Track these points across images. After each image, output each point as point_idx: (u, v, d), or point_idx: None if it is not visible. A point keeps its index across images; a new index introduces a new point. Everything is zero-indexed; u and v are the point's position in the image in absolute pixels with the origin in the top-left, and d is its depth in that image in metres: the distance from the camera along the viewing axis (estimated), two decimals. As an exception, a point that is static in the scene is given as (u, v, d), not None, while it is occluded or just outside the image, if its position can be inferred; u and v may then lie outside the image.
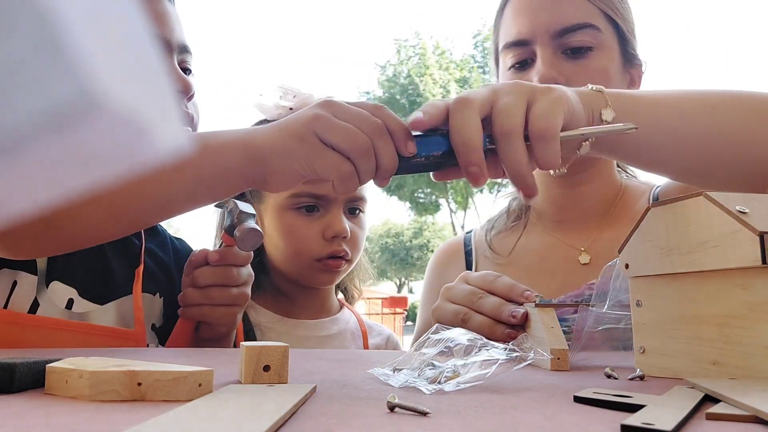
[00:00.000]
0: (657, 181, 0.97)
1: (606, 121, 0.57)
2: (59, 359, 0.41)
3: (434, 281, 1.02)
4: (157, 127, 0.14)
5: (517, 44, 0.85)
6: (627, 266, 0.52)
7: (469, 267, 0.98)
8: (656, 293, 0.49)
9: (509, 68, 0.87)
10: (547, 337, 0.54)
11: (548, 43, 0.83)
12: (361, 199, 0.98)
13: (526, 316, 0.59)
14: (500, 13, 0.92)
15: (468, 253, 0.99)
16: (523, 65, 0.86)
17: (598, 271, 0.84)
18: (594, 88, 0.59)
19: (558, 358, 0.53)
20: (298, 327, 1.01)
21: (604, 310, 0.55)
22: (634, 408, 0.32)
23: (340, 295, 1.13)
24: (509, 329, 0.59)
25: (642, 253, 0.50)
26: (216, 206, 0.92)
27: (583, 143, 0.56)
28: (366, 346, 1.03)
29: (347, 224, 0.95)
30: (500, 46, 0.89)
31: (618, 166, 0.97)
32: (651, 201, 0.90)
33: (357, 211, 0.99)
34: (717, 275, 0.44)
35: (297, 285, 1.01)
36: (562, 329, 0.57)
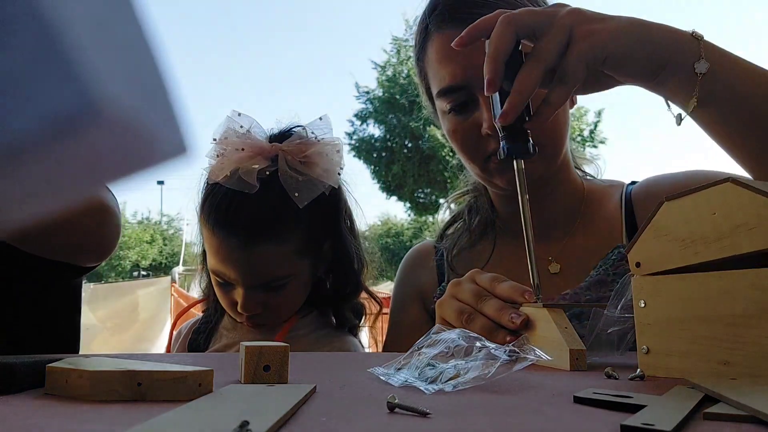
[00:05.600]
0: (617, 180, 0.95)
1: (699, 72, 0.61)
2: (59, 359, 0.41)
3: (405, 286, 1.01)
4: (159, 134, 0.14)
5: (453, 90, 0.83)
6: (638, 265, 0.51)
7: (441, 272, 0.96)
8: (662, 293, 0.49)
9: (449, 112, 0.85)
10: (564, 338, 0.54)
11: None
12: (274, 281, 0.93)
13: (525, 322, 0.59)
14: (421, 54, 0.88)
15: (440, 257, 0.97)
16: (463, 107, 0.83)
17: (568, 280, 0.84)
18: (694, 34, 0.62)
19: (577, 359, 0.53)
20: (246, 331, 1.01)
21: (616, 315, 0.55)
22: (634, 408, 0.32)
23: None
24: (509, 334, 0.59)
25: (657, 248, 0.50)
26: None
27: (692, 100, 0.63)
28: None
29: (257, 300, 0.93)
30: (434, 91, 0.87)
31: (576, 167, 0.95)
32: (624, 202, 0.88)
33: (278, 287, 0.94)
34: (726, 275, 0.44)
35: None
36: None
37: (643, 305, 0.51)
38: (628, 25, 0.61)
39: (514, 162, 0.63)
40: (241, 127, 0.94)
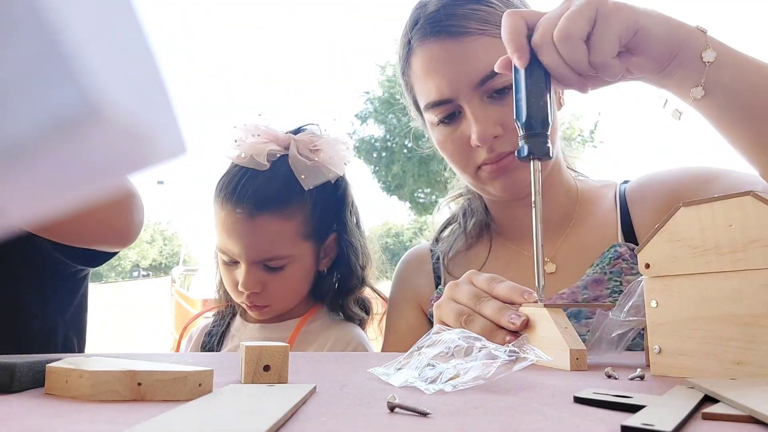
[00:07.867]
0: (610, 180, 0.96)
1: (707, 61, 0.62)
2: (59, 359, 0.41)
3: (401, 291, 1.01)
4: (159, 137, 0.14)
5: (440, 103, 0.83)
6: (647, 266, 0.51)
7: (437, 276, 0.96)
8: (674, 293, 0.49)
9: (437, 124, 0.85)
10: (564, 338, 0.54)
11: (472, 95, 0.81)
12: (274, 259, 0.96)
13: (525, 323, 0.59)
14: (405, 67, 0.89)
15: (436, 261, 0.97)
16: (451, 118, 0.84)
17: (565, 280, 0.84)
18: (699, 27, 0.64)
19: (577, 359, 0.53)
20: (255, 330, 1.02)
21: (621, 318, 0.55)
22: (634, 408, 0.32)
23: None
24: (509, 335, 0.59)
25: (668, 252, 0.49)
26: None
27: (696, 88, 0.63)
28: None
29: (258, 279, 0.96)
30: (421, 105, 0.87)
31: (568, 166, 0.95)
32: (618, 201, 0.89)
33: (278, 267, 0.97)
34: (739, 276, 0.44)
35: None
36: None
37: (655, 305, 0.51)
38: (648, 9, 0.62)
39: (531, 162, 0.63)
40: (265, 119, 1.01)
